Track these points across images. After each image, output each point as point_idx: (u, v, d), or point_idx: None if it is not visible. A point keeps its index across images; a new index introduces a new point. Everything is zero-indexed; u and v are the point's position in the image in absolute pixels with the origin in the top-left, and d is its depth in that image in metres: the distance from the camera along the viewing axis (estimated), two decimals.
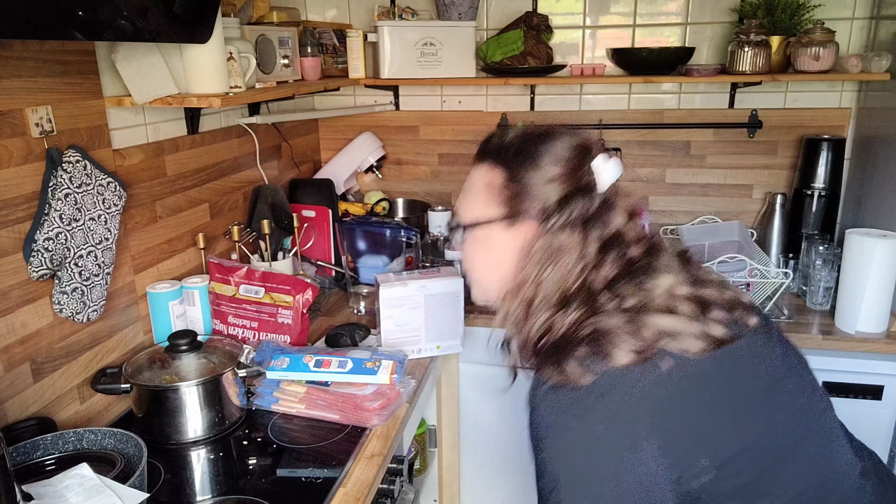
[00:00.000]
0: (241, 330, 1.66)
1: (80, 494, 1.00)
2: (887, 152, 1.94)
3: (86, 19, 1.04)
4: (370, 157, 2.46)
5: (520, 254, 0.93)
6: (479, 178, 0.98)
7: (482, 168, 0.98)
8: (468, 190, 1.00)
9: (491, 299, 1.00)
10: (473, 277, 1.03)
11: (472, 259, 1.00)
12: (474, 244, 0.99)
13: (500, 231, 0.95)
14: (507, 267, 0.95)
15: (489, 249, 0.97)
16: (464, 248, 1.00)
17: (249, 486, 1.21)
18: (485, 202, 0.96)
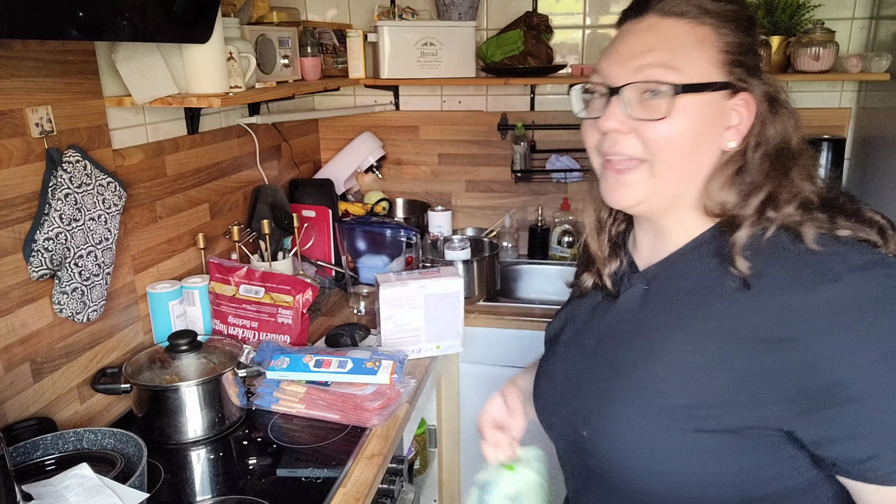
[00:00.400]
0: (241, 330, 1.66)
1: (80, 494, 1.00)
2: (887, 152, 1.94)
3: (86, 19, 1.04)
4: (370, 157, 2.46)
5: (732, 135, 0.77)
6: (680, 32, 0.76)
7: (681, 22, 0.76)
8: (669, 42, 0.76)
9: (666, 194, 0.79)
10: (670, 162, 0.76)
11: (684, 135, 0.75)
12: (688, 114, 0.74)
13: (716, 100, 0.75)
14: (709, 149, 0.77)
15: (701, 123, 0.75)
16: (670, 121, 0.74)
17: (249, 486, 1.21)
18: (705, 61, 0.75)
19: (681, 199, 0.80)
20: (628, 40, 0.78)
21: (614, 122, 0.76)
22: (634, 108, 0.75)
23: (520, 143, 2.34)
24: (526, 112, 2.41)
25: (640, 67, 0.75)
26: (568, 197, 2.41)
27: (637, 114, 0.75)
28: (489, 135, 2.43)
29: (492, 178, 2.48)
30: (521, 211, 2.49)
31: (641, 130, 0.75)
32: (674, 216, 0.81)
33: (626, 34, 0.79)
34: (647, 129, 0.75)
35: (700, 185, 0.79)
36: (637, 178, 0.78)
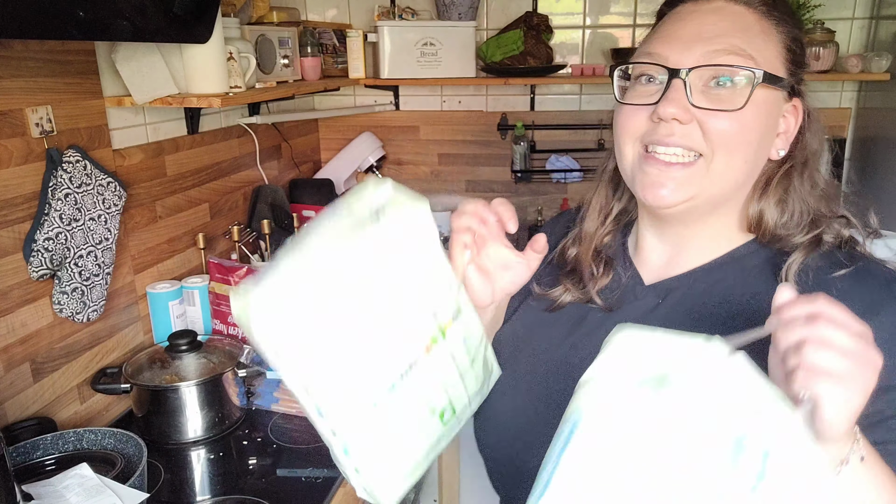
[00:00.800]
0: (241, 330, 1.66)
1: (79, 494, 1.00)
2: (887, 152, 1.94)
3: (86, 19, 1.04)
4: (370, 157, 2.46)
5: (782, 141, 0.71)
6: (751, 20, 0.69)
7: (749, 11, 0.70)
8: (742, 29, 0.68)
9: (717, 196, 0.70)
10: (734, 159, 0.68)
11: (756, 129, 0.68)
12: (759, 110, 0.67)
13: (779, 100, 0.70)
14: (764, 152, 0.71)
15: (769, 120, 0.69)
16: (744, 112, 0.66)
17: (249, 486, 1.21)
18: (774, 55, 0.69)
19: (724, 206, 0.72)
20: (693, 22, 0.69)
21: (675, 107, 0.66)
22: (698, 97, 0.67)
23: (520, 143, 2.35)
24: (526, 112, 2.41)
25: (712, 52, 0.66)
26: (567, 197, 2.41)
27: (701, 102, 0.66)
28: (489, 135, 2.43)
29: (492, 178, 2.48)
30: (521, 211, 2.49)
31: (705, 121, 0.67)
32: (709, 224, 0.73)
33: (687, 15, 0.70)
34: (713, 120, 0.66)
35: (747, 192, 0.73)
36: (688, 175, 0.68)
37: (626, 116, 0.72)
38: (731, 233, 0.74)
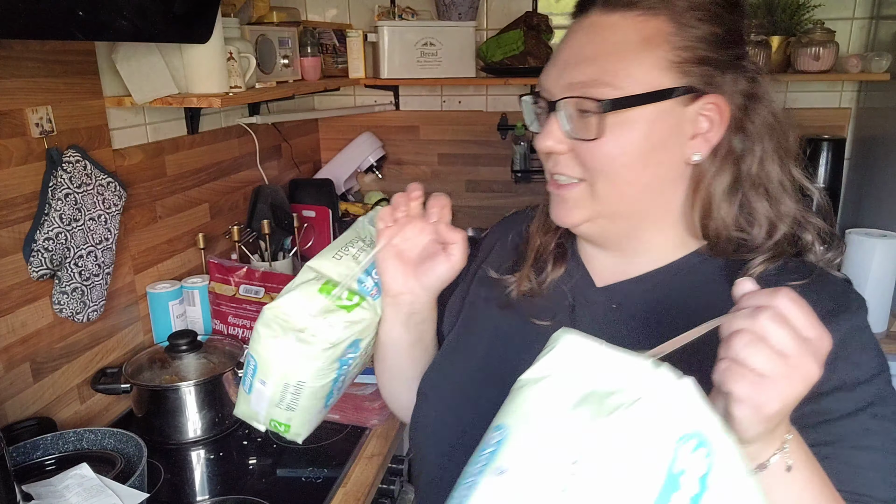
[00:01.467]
0: (241, 330, 1.66)
1: (79, 494, 1.00)
2: (887, 152, 1.94)
3: (86, 19, 1.04)
4: (370, 157, 2.46)
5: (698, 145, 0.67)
6: (626, 31, 0.65)
7: (628, 17, 0.65)
8: (609, 49, 0.65)
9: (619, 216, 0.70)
10: (614, 182, 0.67)
11: (625, 154, 0.65)
12: (628, 130, 0.65)
13: (672, 109, 0.65)
14: (670, 164, 0.67)
15: (651, 137, 0.65)
16: (604, 140, 0.65)
17: (249, 486, 1.21)
18: (651, 66, 0.64)
19: (644, 220, 0.71)
20: (569, 44, 0.68)
21: (552, 140, 0.68)
22: (572, 125, 0.66)
23: (520, 143, 2.34)
24: None
25: (572, 83, 0.66)
26: None
27: (573, 132, 0.66)
28: (489, 135, 2.43)
29: (492, 178, 2.48)
30: None
31: (578, 150, 0.67)
32: (641, 238, 0.72)
33: (568, 36, 0.70)
34: (583, 149, 0.66)
35: (667, 202, 0.70)
36: (576, 197, 0.69)
37: (536, 143, 0.72)
38: (681, 239, 0.72)
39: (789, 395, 0.46)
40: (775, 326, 0.46)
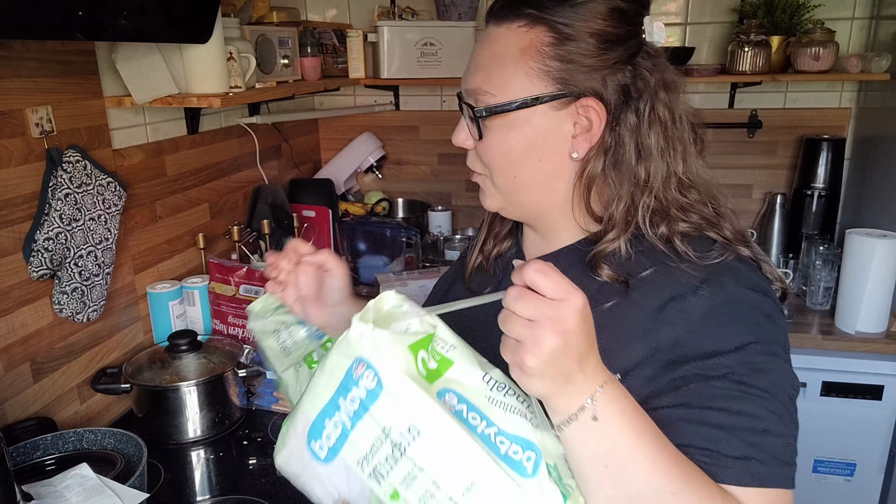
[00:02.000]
0: (241, 330, 1.66)
1: (79, 494, 1.00)
2: (887, 152, 1.94)
3: (86, 19, 1.04)
4: (370, 157, 2.47)
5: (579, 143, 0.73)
6: (508, 42, 0.72)
7: (511, 29, 0.72)
8: (492, 59, 0.73)
9: (520, 205, 0.80)
10: (505, 177, 0.76)
11: (506, 153, 0.74)
12: (508, 133, 0.73)
13: (546, 113, 0.72)
14: (554, 161, 0.74)
15: (529, 139, 0.73)
16: (489, 141, 0.75)
17: (249, 486, 1.21)
18: (525, 75, 0.71)
19: (548, 209, 0.79)
20: (472, 53, 0.78)
21: (459, 137, 0.79)
22: (469, 126, 0.77)
23: None
24: None
25: (466, 89, 0.76)
26: None
27: (470, 132, 0.77)
28: None
29: None
30: None
31: (476, 148, 0.78)
32: (550, 222, 0.80)
33: (476, 44, 0.79)
34: (478, 147, 0.77)
35: (558, 192, 0.77)
36: (488, 189, 0.80)
37: None
38: (584, 222, 0.78)
39: (544, 352, 0.54)
40: (518, 299, 0.54)
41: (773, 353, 0.68)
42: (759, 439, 0.64)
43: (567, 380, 0.56)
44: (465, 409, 0.59)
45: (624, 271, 0.72)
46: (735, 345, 0.67)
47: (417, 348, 0.59)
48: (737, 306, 0.69)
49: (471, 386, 0.60)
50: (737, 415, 0.65)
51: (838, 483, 1.87)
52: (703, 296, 0.68)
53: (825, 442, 1.85)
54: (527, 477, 0.57)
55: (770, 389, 0.66)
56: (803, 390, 1.81)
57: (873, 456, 1.83)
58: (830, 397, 1.80)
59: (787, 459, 0.65)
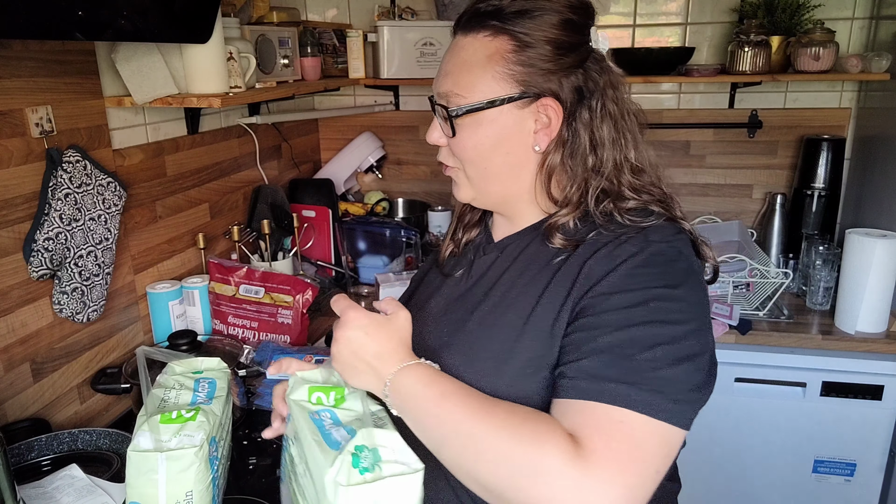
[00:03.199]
0: (241, 330, 1.66)
1: (70, 495, 1.00)
2: (887, 152, 1.94)
3: (86, 19, 1.04)
4: (370, 157, 2.46)
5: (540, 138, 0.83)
6: (475, 50, 0.82)
7: (478, 38, 0.82)
8: (461, 65, 0.83)
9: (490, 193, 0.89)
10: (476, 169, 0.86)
11: (476, 147, 0.84)
12: (477, 130, 0.83)
13: (510, 112, 0.82)
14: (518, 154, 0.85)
15: (496, 134, 0.83)
16: (460, 137, 0.85)
17: (249, 486, 1.21)
18: (491, 78, 0.81)
19: (514, 198, 0.89)
20: (443, 59, 0.87)
21: (434, 136, 0.89)
22: (441, 125, 0.87)
23: None
24: None
25: (438, 92, 0.85)
26: None
27: (443, 131, 0.87)
28: None
29: None
30: None
31: (449, 144, 0.87)
32: (516, 208, 0.90)
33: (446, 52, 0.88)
34: (451, 144, 0.87)
35: (523, 181, 0.87)
36: (460, 181, 0.90)
37: None
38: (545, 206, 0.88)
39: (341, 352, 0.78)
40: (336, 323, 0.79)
41: (672, 298, 0.74)
42: (612, 360, 0.70)
43: (369, 370, 0.76)
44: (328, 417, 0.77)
45: (573, 238, 0.83)
46: (637, 286, 0.74)
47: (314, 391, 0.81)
48: (654, 258, 0.76)
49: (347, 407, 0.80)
50: (603, 340, 0.72)
51: (838, 483, 1.87)
52: (629, 244, 0.78)
53: (825, 442, 1.84)
54: (335, 448, 0.70)
55: (649, 326, 0.71)
56: (803, 390, 1.82)
57: (873, 456, 1.83)
58: (830, 397, 1.80)
59: (646, 387, 0.67)
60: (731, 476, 1.93)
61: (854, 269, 1.75)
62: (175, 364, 0.98)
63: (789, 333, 1.79)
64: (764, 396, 1.84)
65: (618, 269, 0.76)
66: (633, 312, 0.72)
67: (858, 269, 1.74)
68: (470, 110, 0.83)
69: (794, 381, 1.82)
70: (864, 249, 1.72)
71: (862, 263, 1.72)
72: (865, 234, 1.74)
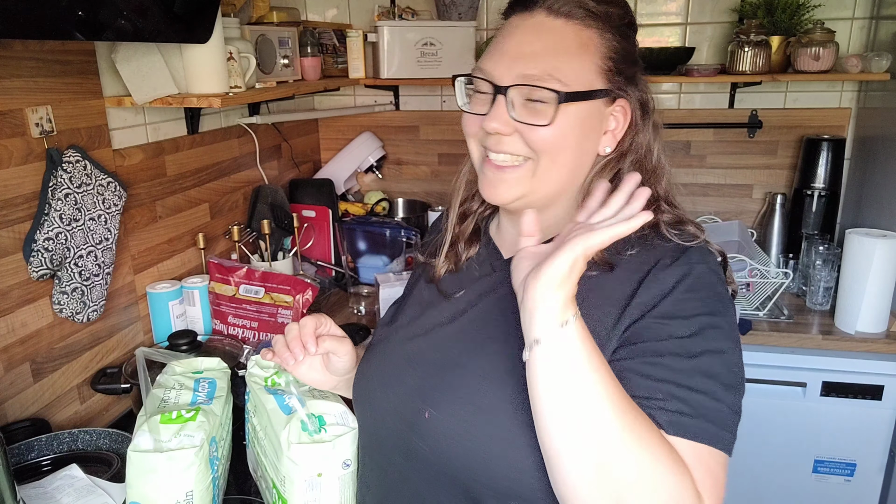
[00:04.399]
0: (241, 330, 1.66)
1: (70, 495, 1.00)
2: (887, 152, 1.94)
3: (86, 19, 1.04)
4: (370, 157, 2.46)
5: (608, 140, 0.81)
6: (566, 35, 0.76)
7: (569, 24, 0.77)
8: (555, 50, 0.76)
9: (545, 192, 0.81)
10: (552, 161, 0.78)
11: (565, 138, 0.77)
12: (570, 120, 0.76)
13: (598, 107, 0.79)
14: (590, 153, 0.81)
15: (583, 128, 0.78)
16: (557, 125, 0.76)
17: (249, 485, 1.21)
18: (588, 69, 0.77)
19: (558, 198, 0.83)
20: (516, 37, 0.77)
21: (498, 123, 0.76)
22: (518, 110, 0.76)
23: None
24: None
25: (528, 74, 0.75)
26: None
27: (521, 116, 0.76)
28: None
29: None
30: None
31: (525, 132, 0.77)
32: (552, 212, 0.83)
33: (514, 30, 0.78)
34: (531, 132, 0.76)
35: (578, 186, 0.82)
36: (517, 176, 0.79)
37: (467, 122, 0.82)
38: (570, 215, 0.83)
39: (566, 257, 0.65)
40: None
41: (718, 326, 0.73)
42: (692, 396, 0.68)
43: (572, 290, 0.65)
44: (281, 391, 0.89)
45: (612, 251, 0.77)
46: (690, 313, 0.72)
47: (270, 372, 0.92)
48: (699, 281, 0.75)
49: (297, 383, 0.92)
50: (676, 372, 0.69)
51: (838, 483, 1.87)
52: (676, 267, 0.75)
53: (825, 442, 1.85)
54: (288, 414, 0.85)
55: (709, 356, 0.71)
56: (803, 390, 1.81)
57: (873, 456, 1.83)
58: (830, 397, 1.80)
59: (719, 422, 0.68)
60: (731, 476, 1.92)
61: (854, 269, 1.75)
62: (175, 364, 0.98)
63: (789, 333, 1.79)
64: (764, 396, 1.84)
65: (671, 294, 0.73)
66: (693, 342, 0.71)
67: (858, 269, 1.74)
68: (574, 97, 0.75)
69: (794, 381, 1.82)
70: (864, 249, 1.72)
71: (862, 263, 1.72)
72: (865, 234, 1.74)
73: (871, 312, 1.75)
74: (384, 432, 0.85)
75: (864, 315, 1.75)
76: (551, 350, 0.64)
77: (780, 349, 1.80)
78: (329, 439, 0.84)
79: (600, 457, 0.62)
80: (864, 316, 1.75)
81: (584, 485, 0.63)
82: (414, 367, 0.84)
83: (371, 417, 0.87)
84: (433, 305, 0.90)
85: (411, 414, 0.80)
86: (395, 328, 0.93)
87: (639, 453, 0.62)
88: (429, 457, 0.79)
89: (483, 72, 0.78)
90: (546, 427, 0.65)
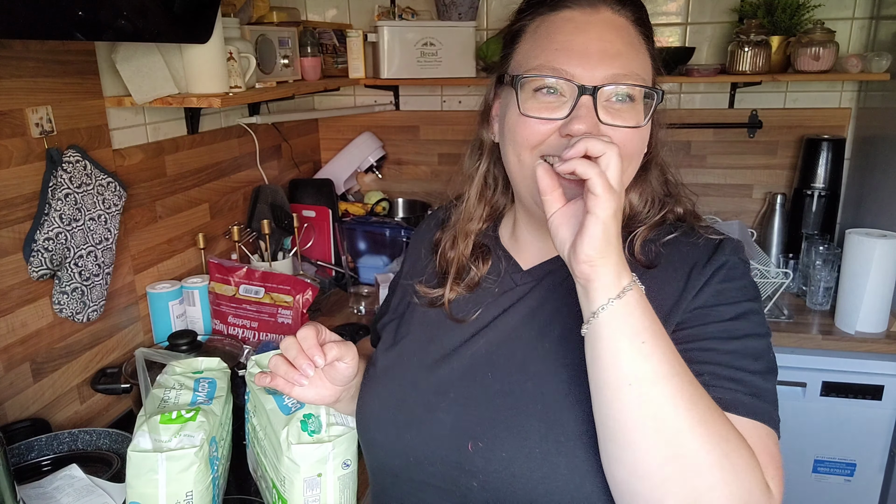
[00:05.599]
0: (241, 330, 1.66)
1: (70, 495, 1.00)
2: (887, 152, 1.94)
3: (86, 19, 1.04)
4: (370, 157, 2.46)
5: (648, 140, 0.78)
6: (629, 32, 0.74)
7: (627, 22, 0.74)
8: (628, 47, 0.73)
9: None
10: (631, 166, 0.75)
11: (644, 143, 0.75)
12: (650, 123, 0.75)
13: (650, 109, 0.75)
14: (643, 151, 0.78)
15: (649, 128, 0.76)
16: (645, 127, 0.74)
17: (249, 485, 1.21)
18: (650, 70, 0.76)
19: None
20: (590, 34, 0.71)
21: (586, 125, 0.68)
22: (602, 112, 0.69)
23: None
24: None
25: (617, 74, 0.70)
26: None
27: (607, 118, 0.69)
28: None
29: None
30: None
31: (611, 135, 0.69)
32: None
33: (584, 26, 0.72)
34: (618, 135, 0.70)
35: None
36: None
37: (527, 128, 0.72)
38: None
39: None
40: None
41: (758, 312, 0.75)
42: (746, 377, 0.68)
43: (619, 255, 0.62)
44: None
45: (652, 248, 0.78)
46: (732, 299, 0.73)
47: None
48: (734, 270, 0.75)
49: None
50: (725, 354, 0.69)
51: (838, 483, 1.87)
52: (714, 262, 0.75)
53: (825, 442, 1.85)
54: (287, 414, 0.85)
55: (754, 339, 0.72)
56: (803, 390, 1.81)
57: (873, 456, 1.83)
58: (830, 397, 1.80)
59: (770, 401, 0.69)
60: None
61: (854, 269, 1.75)
62: (175, 364, 0.98)
63: (789, 333, 1.79)
64: None
65: (710, 284, 0.73)
66: (737, 325, 0.71)
67: (858, 269, 1.74)
68: (661, 97, 0.73)
69: (794, 381, 1.82)
70: (864, 249, 1.72)
71: (862, 263, 1.72)
72: (865, 234, 1.74)
73: (870, 312, 1.75)
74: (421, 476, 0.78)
75: (864, 315, 1.75)
76: (611, 319, 0.61)
77: (780, 349, 1.79)
78: (329, 439, 0.84)
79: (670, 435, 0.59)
80: (864, 316, 1.75)
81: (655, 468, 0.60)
82: (447, 401, 0.77)
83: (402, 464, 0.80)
84: (444, 326, 0.83)
85: (456, 454, 0.74)
86: (404, 354, 0.85)
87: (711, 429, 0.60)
88: (479, 494, 0.73)
89: (559, 71, 0.70)
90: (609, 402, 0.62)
